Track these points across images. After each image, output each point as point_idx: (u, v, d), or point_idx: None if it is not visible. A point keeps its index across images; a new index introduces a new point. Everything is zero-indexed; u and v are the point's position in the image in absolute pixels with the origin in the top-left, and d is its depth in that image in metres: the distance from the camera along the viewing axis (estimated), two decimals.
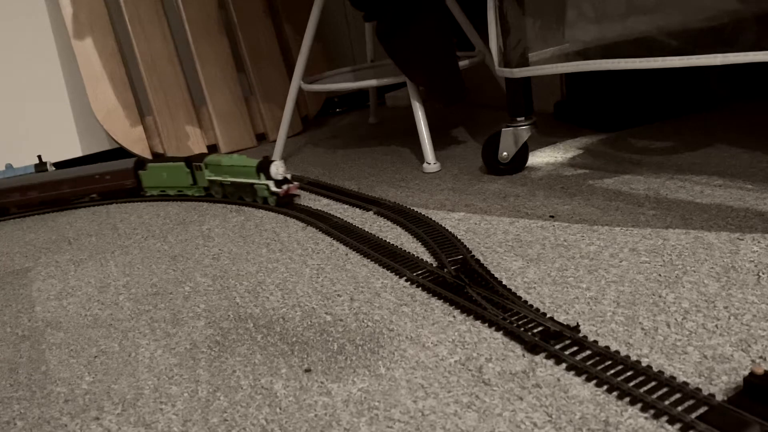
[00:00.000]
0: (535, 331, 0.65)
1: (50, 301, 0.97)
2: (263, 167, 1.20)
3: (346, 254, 0.96)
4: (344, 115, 2.10)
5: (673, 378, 0.55)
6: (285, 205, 1.20)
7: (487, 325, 0.69)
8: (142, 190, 1.44)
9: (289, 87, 1.52)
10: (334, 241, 1.01)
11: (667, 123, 1.35)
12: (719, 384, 0.54)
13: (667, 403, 0.52)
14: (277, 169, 1.19)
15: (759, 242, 0.78)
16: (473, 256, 0.86)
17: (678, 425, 0.50)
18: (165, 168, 1.38)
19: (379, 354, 0.68)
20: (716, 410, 0.50)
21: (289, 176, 1.21)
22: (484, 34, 1.17)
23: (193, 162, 1.34)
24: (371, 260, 0.92)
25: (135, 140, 1.80)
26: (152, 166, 1.40)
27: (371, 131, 1.79)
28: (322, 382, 0.64)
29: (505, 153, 1.17)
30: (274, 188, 1.19)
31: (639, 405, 0.53)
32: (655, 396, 0.53)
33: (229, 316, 0.82)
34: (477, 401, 0.58)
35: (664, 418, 0.51)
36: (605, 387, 0.56)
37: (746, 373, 0.52)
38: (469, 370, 0.62)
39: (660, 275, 0.74)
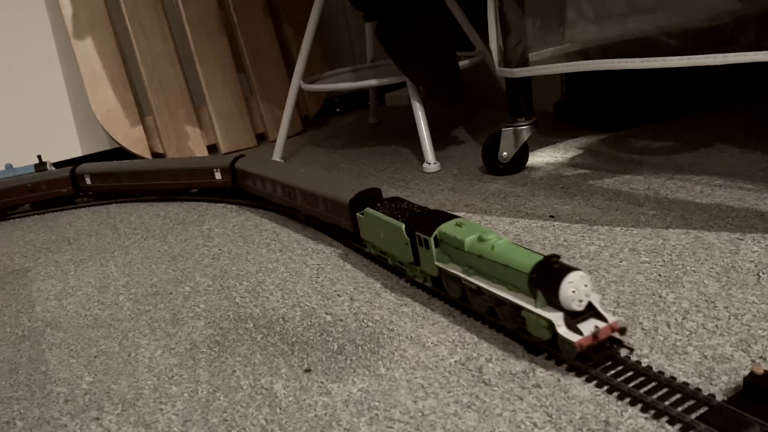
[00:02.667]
0: None
1: (50, 301, 0.97)
2: (543, 279, 0.60)
3: (346, 254, 0.96)
4: (344, 115, 2.10)
5: (673, 378, 0.55)
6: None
7: (487, 325, 0.69)
8: (363, 242, 0.92)
9: (289, 87, 1.52)
10: (334, 241, 1.01)
11: (667, 123, 1.35)
12: (719, 384, 0.54)
13: (667, 403, 0.52)
14: (577, 289, 0.58)
15: (759, 242, 0.78)
16: None
17: (678, 425, 0.50)
18: (382, 223, 0.84)
19: (379, 354, 0.68)
20: (716, 410, 0.50)
21: (596, 302, 0.60)
22: (484, 34, 1.17)
23: (416, 229, 0.76)
24: (371, 260, 0.91)
25: (135, 140, 1.80)
26: (370, 213, 0.87)
27: (371, 131, 1.79)
28: (322, 382, 0.64)
29: (505, 153, 1.17)
30: (566, 333, 0.58)
31: (639, 405, 0.53)
32: (655, 396, 0.53)
33: (229, 316, 0.82)
34: (477, 401, 0.58)
35: (665, 419, 0.51)
36: (605, 387, 0.56)
37: (746, 373, 0.52)
38: (469, 370, 0.62)
39: (660, 275, 0.74)
